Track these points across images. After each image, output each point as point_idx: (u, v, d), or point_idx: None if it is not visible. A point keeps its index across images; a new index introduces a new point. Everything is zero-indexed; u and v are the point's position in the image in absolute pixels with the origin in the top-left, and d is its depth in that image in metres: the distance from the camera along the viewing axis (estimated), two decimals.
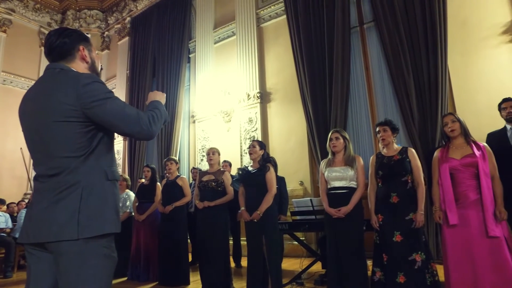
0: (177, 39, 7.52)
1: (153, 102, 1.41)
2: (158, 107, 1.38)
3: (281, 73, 6.05)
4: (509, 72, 4.17)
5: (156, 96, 1.46)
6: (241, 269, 4.61)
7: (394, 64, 4.77)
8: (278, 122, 5.95)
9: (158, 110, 1.35)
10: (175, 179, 4.14)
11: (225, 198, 3.56)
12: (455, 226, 2.47)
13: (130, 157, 7.86)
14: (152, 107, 1.38)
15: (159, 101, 1.43)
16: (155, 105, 1.39)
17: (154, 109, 1.35)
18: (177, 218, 4.01)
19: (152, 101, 1.42)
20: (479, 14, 4.45)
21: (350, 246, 2.77)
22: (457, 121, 2.61)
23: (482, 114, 3.96)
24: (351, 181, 2.88)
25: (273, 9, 6.34)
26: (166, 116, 1.40)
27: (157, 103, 1.41)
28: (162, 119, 1.35)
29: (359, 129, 5.28)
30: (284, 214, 4.20)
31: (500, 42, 4.29)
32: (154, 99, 1.44)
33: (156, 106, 1.38)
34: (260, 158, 3.27)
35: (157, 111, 1.34)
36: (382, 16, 4.92)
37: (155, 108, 1.36)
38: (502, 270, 2.30)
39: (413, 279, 2.52)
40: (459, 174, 2.51)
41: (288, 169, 5.35)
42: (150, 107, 1.38)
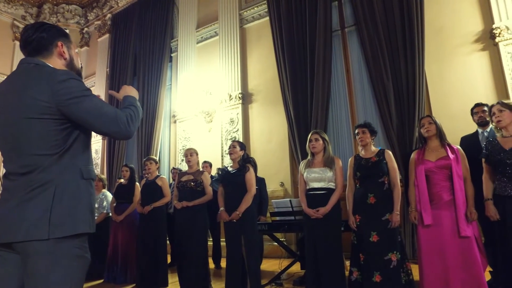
0: (159, 37, 7.42)
1: (129, 98, 1.37)
2: (134, 103, 1.34)
3: (263, 74, 6.07)
4: (481, 79, 4.34)
5: (132, 92, 1.41)
6: (221, 270, 4.58)
7: (374, 68, 4.87)
8: (259, 123, 5.96)
9: (135, 107, 1.32)
10: (154, 179, 4.08)
11: (203, 198, 3.54)
12: (429, 226, 2.53)
13: (109, 156, 7.70)
14: (128, 103, 1.33)
15: (134, 97, 1.39)
16: (131, 101, 1.35)
17: (130, 106, 1.31)
18: (156, 219, 3.94)
19: (127, 97, 1.38)
20: (454, 22, 4.61)
21: (328, 247, 2.80)
22: (434, 123, 2.69)
23: (457, 118, 4.09)
24: (330, 182, 2.91)
25: (256, 11, 6.36)
26: (141, 113, 1.37)
27: (133, 99, 1.37)
28: (139, 117, 1.31)
29: (339, 131, 5.36)
30: (264, 215, 4.21)
31: (472, 50, 4.46)
32: (128, 94, 1.39)
33: (132, 102, 1.34)
34: (240, 158, 3.27)
35: (133, 108, 1.31)
36: (363, 21, 5.03)
37: (131, 105, 1.33)
38: (471, 268, 2.38)
39: (388, 278, 2.57)
40: (434, 176, 2.59)
41: (268, 170, 5.37)
42: (125, 103, 1.34)
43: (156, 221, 3.93)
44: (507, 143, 2.38)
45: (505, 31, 4.17)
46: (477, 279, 2.35)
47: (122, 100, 1.38)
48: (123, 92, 1.41)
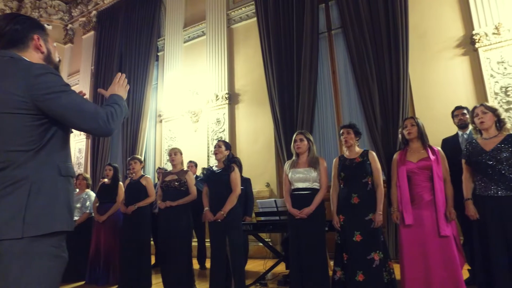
0: (146, 36, 7.35)
1: (113, 96, 1.34)
2: (118, 101, 1.32)
3: (250, 74, 6.07)
4: (462, 83, 4.45)
5: (119, 90, 1.39)
6: (205, 271, 4.55)
7: (359, 70, 4.94)
8: (245, 123, 5.96)
9: (118, 106, 1.29)
10: (138, 179, 4.03)
11: (187, 198, 3.52)
12: (411, 226, 2.58)
13: (93, 156, 7.56)
14: (111, 101, 1.31)
15: (120, 96, 1.36)
16: (115, 99, 1.32)
17: (113, 104, 1.29)
18: (140, 219, 3.89)
19: (112, 95, 1.35)
20: (437, 27, 4.71)
21: (312, 247, 2.81)
22: (416, 125, 2.73)
23: (439, 120, 4.18)
24: (314, 183, 2.93)
25: (244, 11, 6.36)
26: (127, 112, 1.34)
27: (118, 97, 1.34)
28: (122, 115, 1.29)
29: (325, 132, 5.40)
30: (249, 215, 4.20)
31: (454, 54, 4.57)
32: (115, 92, 1.37)
33: (116, 100, 1.32)
34: (225, 158, 3.27)
35: (116, 107, 1.28)
36: (349, 23, 5.09)
37: (115, 103, 1.30)
38: (450, 266, 2.44)
39: (371, 277, 2.60)
40: (416, 177, 2.64)
41: (254, 171, 5.37)
42: (109, 101, 1.32)
43: (140, 221, 3.88)
44: (488, 144, 2.45)
45: (484, 37, 4.29)
46: (455, 277, 2.41)
47: (107, 97, 1.35)
48: (111, 90, 1.39)
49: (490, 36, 4.26)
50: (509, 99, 4.07)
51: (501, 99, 4.12)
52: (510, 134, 2.43)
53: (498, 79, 4.18)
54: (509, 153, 2.35)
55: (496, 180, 2.37)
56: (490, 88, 4.20)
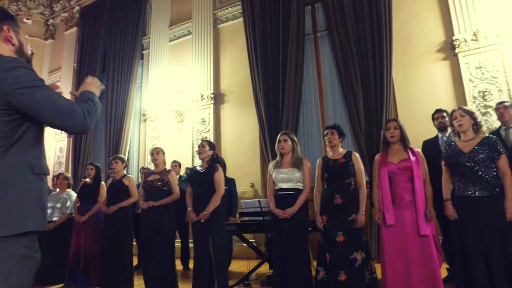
0: (131, 34, 7.24)
1: (86, 93, 1.30)
2: (92, 98, 1.28)
3: (236, 75, 6.07)
4: (442, 87, 4.57)
5: (91, 87, 1.35)
6: (189, 272, 4.51)
7: (344, 72, 5.00)
8: (231, 123, 5.95)
9: (92, 102, 1.25)
10: (121, 178, 3.96)
11: (170, 198, 3.49)
12: (392, 226, 2.62)
13: (75, 155, 7.39)
14: (85, 98, 1.27)
15: (93, 92, 1.32)
16: (89, 96, 1.29)
17: (87, 101, 1.25)
18: (122, 220, 3.81)
19: (84, 91, 1.31)
20: (419, 32, 4.82)
21: (295, 247, 2.82)
22: (399, 128, 2.78)
23: (420, 122, 4.27)
24: (298, 183, 2.94)
25: (231, 11, 6.35)
26: (100, 108, 1.30)
27: (91, 94, 1.31)
28: (97, 111, 1.26)
29: (309, 133, 5.45)
30: (233, 215, 4.19)
31: (435, 59, 4.69)
32: (87, 89, 1.33)
33: (89, 97, 1.28)
34: (209, 158, 3.25)
35: (91, 103, 1.24)
36: (335, 26, 5.15)
37: (89, 99, 1.26)
38: (429, 265, 2.49)
39: (353, 277, 2.62)
40: (396, 177, 2.68)
41: (239, 171, 5.36)
42: (83, 98, 1.27)
43: (121, 222, 3.80)
44: (466, 146, 2.51)
45: (464, 43, 4.41)
46: (433, 275, 2.47)
47: (78, 95, 1.31)
48: (82, 87, 1.34)
49: (469, 42, 4.38)
50: (486, 103, 4.20)
51: (479, 103, 4.25)
52: (486, 137, 2.50)
53: (476, 84, 4.30)
54: (485, 154, 2.42)
55: (474, 181, 2.43)
56: (469, 92, 4.32)
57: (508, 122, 3.17)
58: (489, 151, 2.42)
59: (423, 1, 4.86)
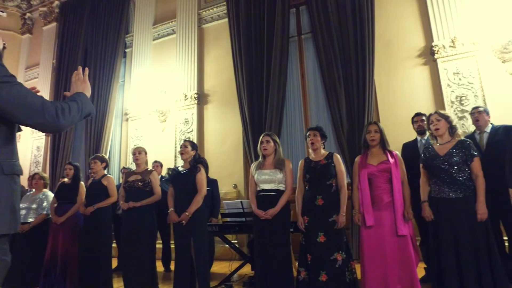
0: (113, 31, 7.10)
1: (73, 94, 1.28)
2: (76, 98, 1.25)
3: (220, 75, 6.05)
4: (422, 91, 4.69)
5: (79, 88, 1.32)
6: (170, 273, 4.46)
7: (327, 75, 5.06)
8: (214, 124, 5.93)
9: (75, 102, 1.23)
10: (100, 178, 3.87)
11: (151, 198, 3.44)
12: (371, 227, 2.66)
13: (53, 154, 7.18)
14: (69, 98, 1.25)
15: (81, 93, 1.30)
16: (73, 97, 1.27)
17: (69, 101, 1.22)
18: (101, 221, 3.73)
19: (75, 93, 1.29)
20: (401, 37, 4.94)
21: (277, 247, 2.83)
22: (379, 132, 2.83)
23: (401, 125, 4.35)
24: (280, 184, 2.95)
25: (215, 11, 6.33)
26: (90, 110, 1.27)
27: (77, 95, 1.28)
28: (78, 112, 1.22)
29: (293, 134, 5.48)
30: (215, 216, 4.17)
31: (416, 64, 4.81)
32: (75, 91, 1.31)
33: (74, 98, 1.26)
34: (192, 158, 3.23)
35: (72, 103, 1.21)
36: (319, 29, 5.21)
37: (72, 100, 1.24)
38: (406, 265, 2.54)
39: (334, 277, 2.65)
40: (376, 179, 2.73)
41: (222, 172, 5.35)
42: (68, 98, 1.26)
43: (100, 223, 3.72)
44: (442, 149, 2.59)
45: (442, 49, 4.54)
46: (410, 274, 2.52)
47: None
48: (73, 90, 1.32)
49: (447, 49, 4.52)
50: (463, 108, 4.33)
51: (457, 108, 4.38)
52: (461, 140, 2.58)
53: (454, 89, 4.44)
54: (460, 157, 2.49)
55: (448, 182, 2.50)
56: (447, 97, 4.45)
57: (482, 127, 3.29)
58: (463, 154, 2.49)
59: (404, 8, 4.98)
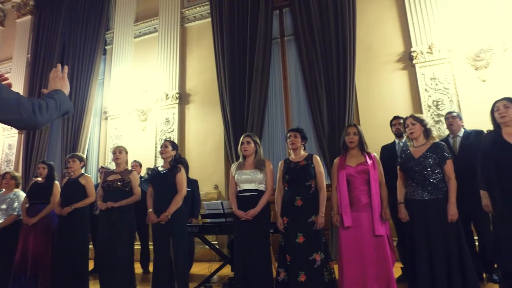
0: (92, 27, 6.93)
1: (51, 91, 1.25)
2: (54, 95, 1.22)
3: (202, 75, 6.01)
4: (401, 95, 4.81)
5: (57, 85, 1.29)
6: (149, 275, 4.38)
7: (309, 77, 5.11)
8: (195, 124, 5.88)
9: (53, 99, 1.19)
10: (77, 177, 3.75)
11: (131, 198, 3.37)
12: (349, 228, 2.70)
13: (26, 153, 6.92)
14: (47, 95, 1.22)
15: (57, 90, 1.27)
16: (51, 94, 1.23)
17: (47, 98, 1.19)
18: (77, 221, 3.61)
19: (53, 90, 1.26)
20: (381, 42, 5.05)
21: (257, 248, 2.82)
22: (358, 134, 2.87)
23: (380, 128, 4.44)
24: (260, 184, 2.95)
25: (199, 11, 6.29)
26: (68, 108, 1.24)
27: (55, 92, 1.25)
28: (56, 109, 1.19)
29: (274, 135, 5.51)
30: (195, 217, 4.14)
31: (395, 68, 4.93)
32: (53, 88, 1.28)
33: (51, 95, 1.22)
34: (172, 158, 3.19)
35: (50, 100, 1.18)
36: (301, 31, 5.26)
37: (50, 97, 1.21)
38: (383, 264, 2.59)
39: (313, 278, 2.67)
40: (354, 180, 2.77)
41: (203, 173, 5.32)
42: (46, 95, 1.22)
43: (77, 224, 3.61)
44: (417, 152, 2.65)
45: (420, 55, 4.68)
46: (387, 274, 2.57)
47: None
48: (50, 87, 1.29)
49: (425, 54, 4.65)
50: (439, 112, 4.47)
51: (433, 112, 4.52)
52: (435, 143, 2.65)
53: (431, 94, 4.57)
54: (433, 159, 2.57)
55: (422, 184, 2.57)
56: (425, 101, 4.58)
57: (456, 131, 3.41)
58: (437, 156, 2.57)
59: (385, 13, 5.10)
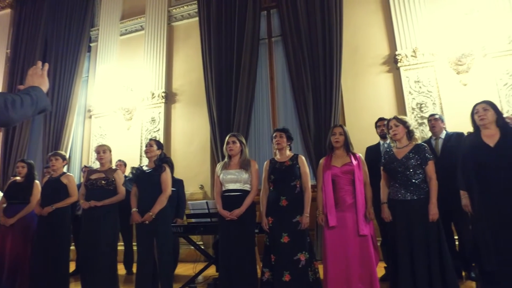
0: (77, 24, 6.79)
1: (28, 87, 1.22)
2: (30, 92, 1.19)
3: (189, 75, 5.97)
4: (386, 97, 4.90)
5: (35, 81, 1.26)
6: (133, 276, 4.31)
7: (296, 78, 5.14)
8: (181, 124, 5.84)
9: (28, 96, 1.16)
10: (58, 176, 3.65)
11: (115, 198, 3.31)
12: (334, 228, 2.71)
13: (5, 151, 6.71)
14: (23, 91, 1.18)
15: (36, 87, 1.23)
16: (28, 90, 1.20)
17: (22, 94, 1.16)
18: (59, 222, 3.51)
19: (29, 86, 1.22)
20: (367, 44, 5.12)
21: (242, 248, 2.81)
22: (343, 134, 2.90)
23: (365, 130, 4.48)
24: (245, 184, 2.95)
25: (186, 9, 6.25)
26: (45, 105, 1.20)
27: (32, 88, 1.22)
28: (32, 106, 1.15)
29: (260, 136, 5.52)
30: (180, 217, 4.10)
31: (380, 71, 5.01)
32: (29, 84, 1.24)
33: (27, 91, 1.19)
34: (157, 158, 3.16)
35: (25, 97, 1.15)
36: (289, 33, 5.28)
37: (26, 93, 1.17)
38: (367, 264, 2.62)
39: (297, 277, 2.68)
40: (339, 180, 2.79)
41: (189, 172, 5.28)
42: (21, 91, 1.19)
43: (58, 224, 3.51)
44: (400, 153, 2.70)
45: (405, 58, 4.77)
46: (370, 273, 2.59)
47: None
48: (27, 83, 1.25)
49: (409, 58, 4.74)
50: (423, 115, 4.56)
51: (417, 114, 4.61)
52: (417, 144, 2.70)
53: (415, 96, 4.67)
54: (416, 160, 2.61)
55: (405, 185, 2.61)
56: (409, 104, 4.67)
57: (438, 133, 3.49)
58: (419, 157, 2.61)
59: (371, 17, 5.18)
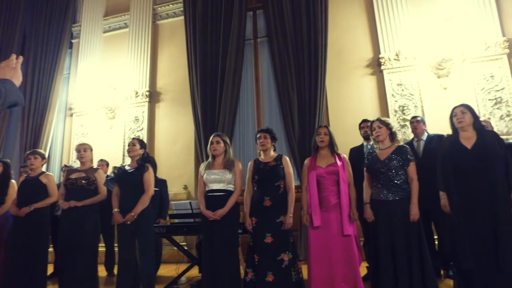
0: (58, 19, 6.60)
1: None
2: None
3: (173, 74, 5.91)
4: (369, 99, 4.97)
5: (6, 74, 1.22)
6: (114, 278, 4.23)
7: (281, 79, 5.16)
8: (165, 123, 5.77)
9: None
10: (37, 176, 3.54)
11: (96, 197, 3.25)
12: (318, 228, 2.74)
13: None
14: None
15: (7, 80, 1.19)
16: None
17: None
18: (37, 223, 3.40)
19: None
20: (351, 47, 5.19)
21: (225, 248, 2.80)
22: (328, 135, 2.93)
23: (349, 131, 4.53)
24: (229, 184, 2.94)
25: (171, 8, 6.19)
26: (16, 99, 1.16)
27: (2, 81, 1.17)
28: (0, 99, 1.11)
29: (245, 136, 5.51)
30: (163, 218, 4.05)
31: (364, 73, 5.09)
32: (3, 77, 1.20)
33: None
34: (140, 157, 3.11)
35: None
36: (274, 33, 5.30)
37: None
38: (350, 263, 2.65)
39: (280, 277, 2.68)
40: (324, 181, 2.82)
41: (172, 173, 5.23)
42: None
43: (36, 225, 3.40)
44: (383, 154, 2.75)
45: (388, 61, 4.86)
46: (354, 272, 2.63)
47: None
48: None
49: (392, 61, 4.84)
50: (405, 117, 4.65)
51: (399, 116, 4.70)
52: (400, 146, 2.76)
53: (397, 99, 4.76)
54: (398, 161, 2.66)
55: (387, 186, 2.66)
56: (391, 106, 4.76)
57: (419, 135, 3.58)
58: (401, 159, 2.66)
59: (356, 20, 5.25)
